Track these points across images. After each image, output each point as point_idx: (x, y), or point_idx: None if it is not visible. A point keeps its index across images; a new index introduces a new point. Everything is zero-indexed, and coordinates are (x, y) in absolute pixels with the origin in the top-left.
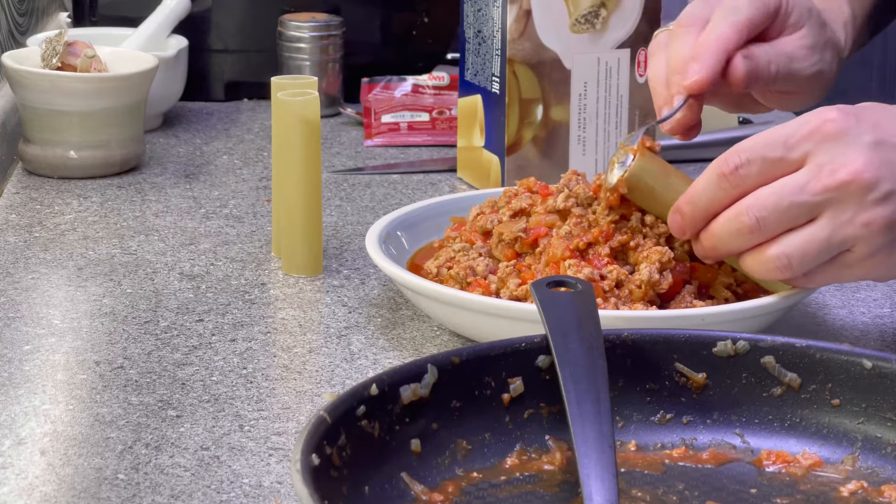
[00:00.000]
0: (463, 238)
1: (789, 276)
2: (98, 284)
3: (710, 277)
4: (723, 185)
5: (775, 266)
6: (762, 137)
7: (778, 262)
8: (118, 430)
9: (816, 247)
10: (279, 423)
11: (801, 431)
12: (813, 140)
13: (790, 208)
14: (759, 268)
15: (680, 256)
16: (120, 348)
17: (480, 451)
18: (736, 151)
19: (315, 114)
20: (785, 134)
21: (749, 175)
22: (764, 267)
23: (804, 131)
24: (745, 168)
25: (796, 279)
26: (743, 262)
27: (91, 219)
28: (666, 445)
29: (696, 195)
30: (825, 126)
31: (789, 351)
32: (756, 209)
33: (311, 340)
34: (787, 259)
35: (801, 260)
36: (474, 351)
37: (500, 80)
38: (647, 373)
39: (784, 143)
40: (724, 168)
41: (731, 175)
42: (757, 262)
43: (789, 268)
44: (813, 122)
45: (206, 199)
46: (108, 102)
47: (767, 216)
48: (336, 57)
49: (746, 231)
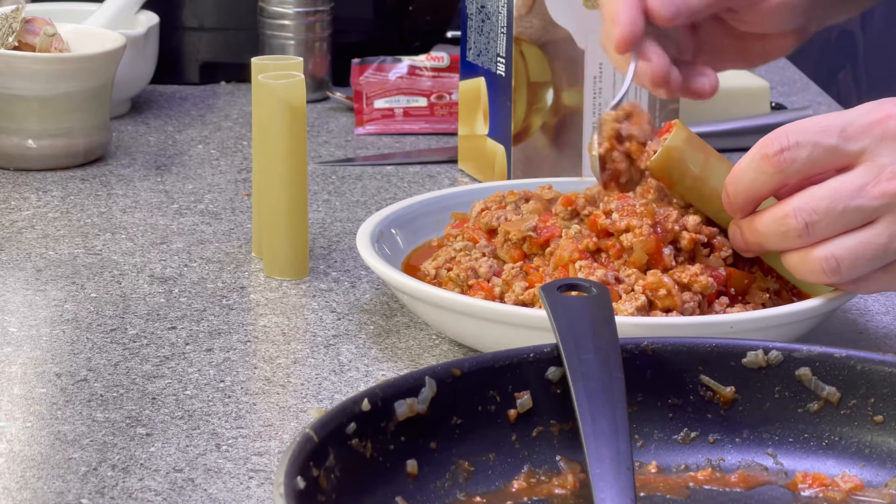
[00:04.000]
0: (465, 236)
1: (836, 280)
2: (59, 288)
3: (747, 284)
4: (764, 168)
5: (822, 268)
6: (816, 121)
7: (826, 264)
8: (81, 450)
9: (871, 253)
10: (260, 443)
11: (840, 451)
12: (873, 135)
13: (844, 213)
14: (804, 268)
15: (713, 263)
16: (83, 359)
17: (484, 473)
18: (784, 132)
19: (300, 98)
20: (843, 122)
21: (795, 160)
22: (809, 268)
23: (864, 122)
24: (791, 152)
25: (843, 284)
26: (786, 260)
27: (51, 215)
28: (690, 467)
29: (737, 174)
30: (888, 122)
31: (827, 362)
32: (806, 213)
33: (296, 350)
34: (837, 262)
35: (852, 264)
36: (477, 362)
37: (505, 60)
38: (669, 386)
39: (841, 131)
40: (769, 149)
41: (775, 157)
42: (801, 262)
43: (837, 272)
44: (874, 114)
45: (179, 193)
46: (70, 86)
47: (819, 220)
48: (323, 35)
49: (794, 235)
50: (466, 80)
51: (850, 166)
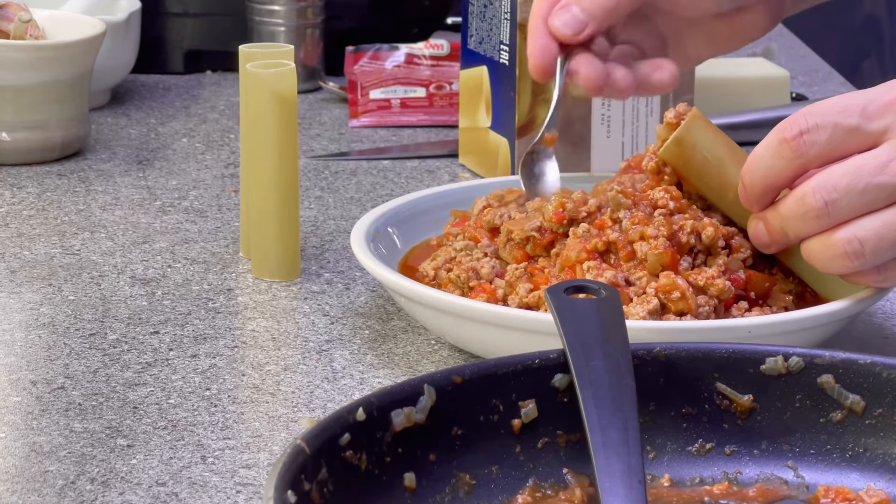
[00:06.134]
0: (466, 235)
1: (859, 265)
2: (35, 290)
3: (768, 287)
4: (783, 153)
5: (844, 251)
6: (835, 102)
7: (848, 246)
8: (58, 463)
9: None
10: (248, 455)
11: (865, 464)
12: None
13: (866, 191)
14: (825, 254)
15: (733, 265)
16: (60, 366)
17: (486, 486)
18: (803, 115)
19: (291, 88)
20: (864, 101)
21: (816, 143)
22: (830, 253)
23: (886, 100)
24: (811, 135)
25: (867, 273)
26: (806, 249)
27: (26, 213)
28: (705, 480)
29: (754, 162)
30: None
31: (851, 368)
32: (825, 190)
33: (287, 356)
34: (860, 244)
35: (876, 246)
36: (479, 369)
37: (509, 48)
38: (683, 394)
39: (862, 110)
40: (788, 133)
41: (794, 141)
42: (822, 247)
43: (860, 255)
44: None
45: (162, 189)
46: (46, 75)
47: (839, 199)
48: (315, 21)
49: (813, 215)
50: (468, 70)
51: (872, 147)
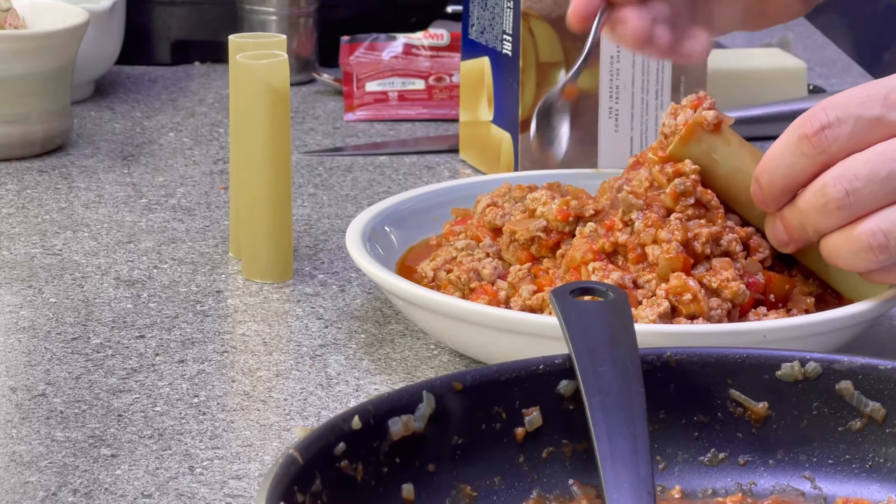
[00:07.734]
0: (467, 235)
1: (884, 259)
2: (14, 292)
3: (788, 290)
4: (804, 150)
5: (868, 244)
6: (855, 93)
7: (872, 239)
8: (39, 473)
9: None
10: (238, 465)
11: (885, 474)
12: None
13: (889, 179)
14: (847, 248)
15: (751, 268)
16: (41, 371)
17: (488, 498)
18: (823, 108)
19: (283, 81)
20: (885, 90)
21: (838, 138)
22: (853, 247)
23: None
24: (833, 129)
25: (891, 270)
26: (826, 245)
27: (5, 210)
28: (718, 491)
29: (771, 161)
30: None
31: (871, 375)
32: (846, 179)
33: (279, 362)
34: (884, 236)
35: None
36: (480, 375)
37: (512, 38)
38: (694, 402)
39: (884, 99)
40: (808, 128)
41: (815, 137)
42: (844, 241)
43: (885, 248)
44: None
45: (147, 186)
46: (26, 67)
47: (861, 188)
48: (309, 10)
49: (834, 206)
50: (469, 61)
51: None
